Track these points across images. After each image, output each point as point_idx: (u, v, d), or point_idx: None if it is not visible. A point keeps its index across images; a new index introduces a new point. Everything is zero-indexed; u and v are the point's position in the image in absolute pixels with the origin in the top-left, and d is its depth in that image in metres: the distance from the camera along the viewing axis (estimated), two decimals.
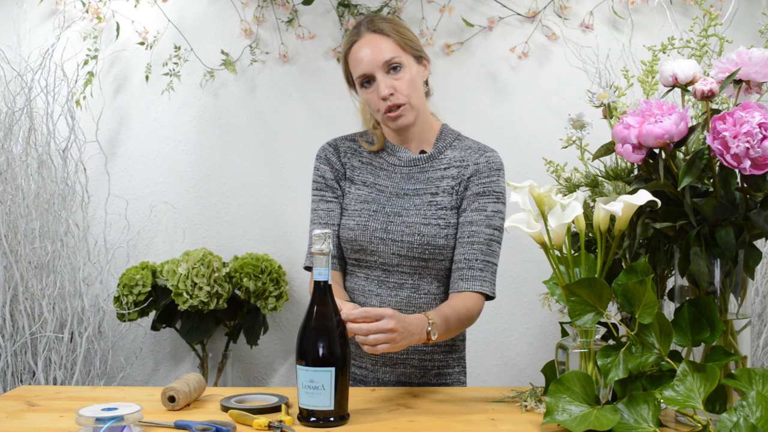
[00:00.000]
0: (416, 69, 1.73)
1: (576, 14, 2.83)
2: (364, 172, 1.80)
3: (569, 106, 2.72)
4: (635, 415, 1.26)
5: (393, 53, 1.69)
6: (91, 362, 2.67)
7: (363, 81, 1.71)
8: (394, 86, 1.68)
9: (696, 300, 1.37)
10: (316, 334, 1.35)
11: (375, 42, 1.70)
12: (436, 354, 1.78)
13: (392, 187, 1.77)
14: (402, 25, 1.75)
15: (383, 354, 1.75)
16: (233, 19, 2.86)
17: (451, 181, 1.75)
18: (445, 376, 1.80)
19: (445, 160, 1.78)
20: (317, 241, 1.35)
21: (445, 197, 1.74)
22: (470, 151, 1.78)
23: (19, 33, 2.80)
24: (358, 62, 1.70)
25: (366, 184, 1.79)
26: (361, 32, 1.72)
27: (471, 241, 1.70)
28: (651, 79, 1.47)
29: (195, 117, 2.87)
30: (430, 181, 1.76)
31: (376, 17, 1.75)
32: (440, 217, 1.73)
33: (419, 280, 1.74)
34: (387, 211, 1.74)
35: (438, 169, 1.77)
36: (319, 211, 1.80)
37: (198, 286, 2.51)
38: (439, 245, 1.72)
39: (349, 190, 1.80)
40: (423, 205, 1.74)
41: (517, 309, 2.88)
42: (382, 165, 1.80)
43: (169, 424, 1.36)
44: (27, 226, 2.58)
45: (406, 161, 1.79)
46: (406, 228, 1.72)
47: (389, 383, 1.77)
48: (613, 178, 1.49)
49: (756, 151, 1.24)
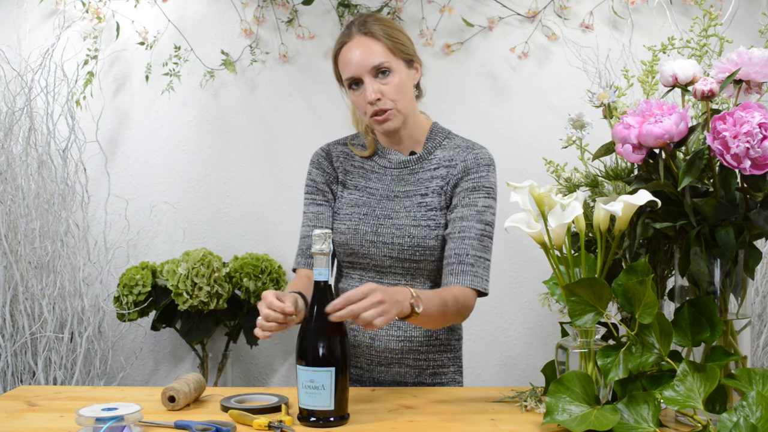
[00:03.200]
0: (405, 73, 1.71)
1: (576, 14, 2.83)
2: (356, 176, 1.81)
3: (569, 106, 2.72)
4: (635, 415, 1.26)
5: (382, 58, 1.67)
6: (91, 362, 2.67)
7: (351, 83, 1.71)
8: (381, 91, 1.67)
9: (696, 300, 1.37)
10: (316, 334, 1.35)
11: (365, 45, 1.68)
12: (431, 353, 1.78)
13: (383, 190, 1.78)
14: (395, 28, 1.73)
15: (378, 353, 1.76)
16: (233, 19, 2.86)
17: (440, 181, 1.75)
18: (440, 376, 1.79)
19: (435, 160, 1.77)
20: (317, 241, 1.35)
21: (434, 198, 1.74)
22: (458, 150, 1.77)
23: (19, 33, 2.80)
24: (347, 64, 1.69)
25: (357, 188, 1.80)
26: (352, 33, 1.71)
27: (462, 236, 1.68)
28: (651, 79, 1.47)
29: (195, 117, 2.87)
30: (419, 182, 1.76)
31: (370, 18, 1.73)
32: (430, 218, 1.72)
33: (412, 280, 1.74)
34: (377, 214, 1.75)
35: (428, 170, 1.77)
36: (309, 214, 1.82)
37: (198, 286, 2.51)
38: (429, 246, 1.71)
39: (342, 195, 1.81)
40: (413, 206, 1.74)
41: (517, 309, 2.88)
42: (373, 168, 1.81)
43: (169, 424, 1.36)
44: (27, 226, 2.58)
45: (396, 163, 1.79)
46: (396, 230, 1.72)
47: (384, 383, 1.77)
48: (613, 178, 1.49)
49: (756, 151, 1.24)
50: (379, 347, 1.76)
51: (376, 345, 1.76)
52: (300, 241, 1.83)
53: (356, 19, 1.74)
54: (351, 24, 1.74)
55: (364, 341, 1.77)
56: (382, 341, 1.75)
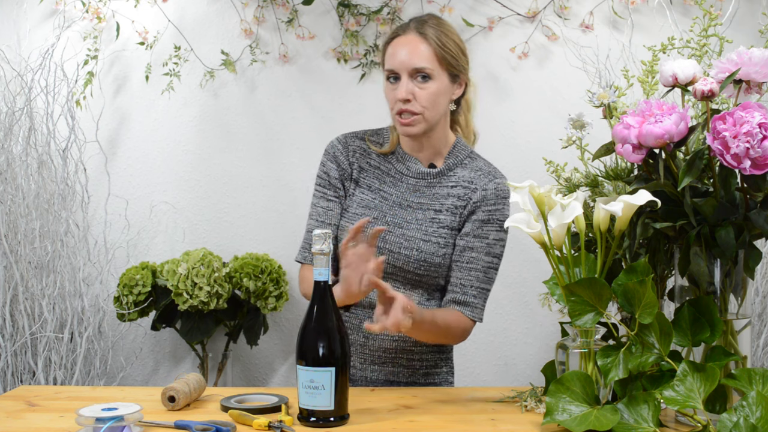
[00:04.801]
0: (446, 85, 1.69)
1: (576, 14, 2.83)
2: (371, 176, 1.78)
3: (569, 106, 2.71)
4: (635, 415, 1.26)
5: (426, 63, 1.66)
6: (91, 362, 2.67)
7: (390, 75, 1.70)
8: (415, 93, 1.66)
9: (696, 300, 1.37)
10: (316, 334, 1.35)
11: (414, 44, 1.67)
12: (424, 354, 1.78)
13: (396, 197, 1.75)
14: (451, 38, 1.70)
15: (372, 352, 1.76)
16: (233, 19, 2.86)
17: (456, 201, 1.74)
18: (433, 376, 1.80)
19: (454, 178, 1.76)
20: (317, 241, 1.35)
21: (447, 216, 1.73)
22: (480, 174, 1.75)
23: (19, 33, 2.80)
24: (392, 56, 1.69)
25: (371, 188, 1.77)
26: (408, 29, 1.70)
27: (469, 267, 1.70)
28: (651, 79, 1.47)
29: (195, 117, 2.87)
30: (435, 198, 1.74)
31: (431, 20, 1.72)
32: (441, 235, 1.72)
33: (411, 290, 1.74)
34: (387, 220, 1.73)
35: (445, 186, 1.75)
36: (319, 208, 1.78)
37: (198, 286, 2.51)
38: (435, 263, 1.71)
39: (353, 192, 1.77)
40: (425, 220, 1.73)
41: (517, 309, 2.88)
42: (389, 171, 1.78)
43: (169, 424, 1.36)
44: (27, 226, 2.58)
45: (415, 173, 1.76)
46: (405, 241, 1.71)
47: (377, 382, 1.77)
48: (613, 178, 1.49)
49: (756, 151, 1.24)
50: (373, 346, 1.76)
51: (370, 344, 1.76)
52: (306, 234, 1.80)
53: (418, 16, 1.74)
54: (412, 19, 1.73)
55: (357, 340, 1.76)
56: (376, 340, 1.75)
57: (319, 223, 1.77)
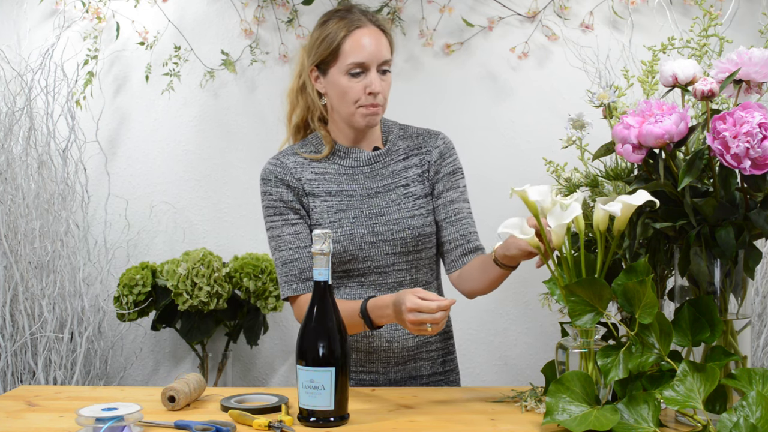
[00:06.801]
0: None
1: (576, 14, 2.83)
2: (323, 182, 1.73)
3: (569, 106, 2.71)
4: (635, 415, 1.26)
5: (389, 55, 1.70)
6: (91, 362, 2.67)
7: (355, 68, 1.64)
8: (382, 87, 1.68)
9: (696, 300, 1.37)
10: (316, 334, 1.35)
11: (378, 37, 1.68)
12: (439, 342, 1.82)
13: (361, 189, 1.74)
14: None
15: (396, 354, 1.76)
16: (233, 19, 2.86)
17: (416, 170, 1.76)
18: (449, 363, 1.84)
19: (401, 150, 1.78)
20: (317, 241, 1.35)
21: (416, 186, 1.75)
22: (423, 137, 1.80)
23: (19, 33, 2.80)
24: (361, 49, 1.64)
25: (331, 193, 1.72)
26: (366, 21, 1.67)
27: (459, 218, 1.75)
28: (651, 79, 1.47)
29: (195, 117, 2.87)
30: (395, 174, 1.76)
31: (370, 11, 1.74)
32: (420, 206, 1.74)
33: (416, 273, 1.75)
34: (366, 214, 1.72)
35: (399, 161, 1.77)
36: (286, 236, 1.70)
37: (198, 286, 2.51)
38: (427, 234, 1.74)
39: (315, 204, 1.71)
40: (399, 199, 1.74)
41: (517, 309, 2.88)
42: (339, 170, 1.74)
43: (169, 424, 1.36)
44: (27, 226, 2.58)
45: (365, 160, 1.75)
46: (394, 225, 1.72)
47: (400, 381, 1.78)
48: (613, 178, 1.50)
49: (756, 151, 1.24)
50: (397, 348, 1.75)
51: (394, 347, 1.75)
52: (284, 267, 1.70)
53: (359, 7, 1.72)
54: (357, 11, 1.70)
55: (381, 346, 1.74)
56: (399, 342, 1.75)
57: (294, 250, 1.69)
